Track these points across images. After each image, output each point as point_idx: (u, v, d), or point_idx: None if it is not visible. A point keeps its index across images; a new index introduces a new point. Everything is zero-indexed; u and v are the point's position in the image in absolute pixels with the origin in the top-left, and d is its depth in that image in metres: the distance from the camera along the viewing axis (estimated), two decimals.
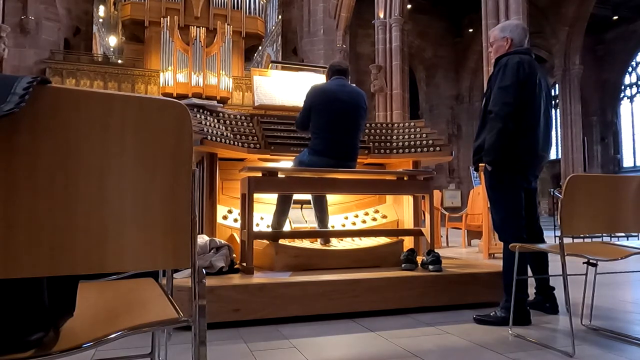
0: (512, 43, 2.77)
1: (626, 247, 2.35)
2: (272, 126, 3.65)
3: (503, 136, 2.56)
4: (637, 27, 19.06)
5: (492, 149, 2.60)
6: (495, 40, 2.85)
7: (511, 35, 2.79)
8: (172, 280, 1.28)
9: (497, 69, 2.68)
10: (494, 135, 2.58)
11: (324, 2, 15.29)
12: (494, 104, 2.60)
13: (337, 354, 2.11)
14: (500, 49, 2.80)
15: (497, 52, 2.83)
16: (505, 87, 2.58)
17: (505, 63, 2.65)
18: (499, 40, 2.82)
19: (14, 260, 0.76)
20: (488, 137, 2.63)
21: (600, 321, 2.56)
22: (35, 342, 0.79)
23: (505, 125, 2.55)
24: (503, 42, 2.79)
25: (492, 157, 2.62)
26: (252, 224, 2.98)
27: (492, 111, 2.61)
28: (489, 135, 2.62)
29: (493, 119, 2.60)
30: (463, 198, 17.72)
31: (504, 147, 2.58)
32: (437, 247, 5.98)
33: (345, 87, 3.34)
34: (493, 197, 2.75)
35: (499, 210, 2.73)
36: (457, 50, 20.41)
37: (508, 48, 2.77)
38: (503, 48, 2.79)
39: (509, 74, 2.59)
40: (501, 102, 2.57)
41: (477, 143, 2.78)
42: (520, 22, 2.89)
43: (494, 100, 2.61)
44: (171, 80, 15.17)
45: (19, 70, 13.10)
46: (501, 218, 2.71)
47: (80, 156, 0.80)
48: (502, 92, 2.59)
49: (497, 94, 2.61)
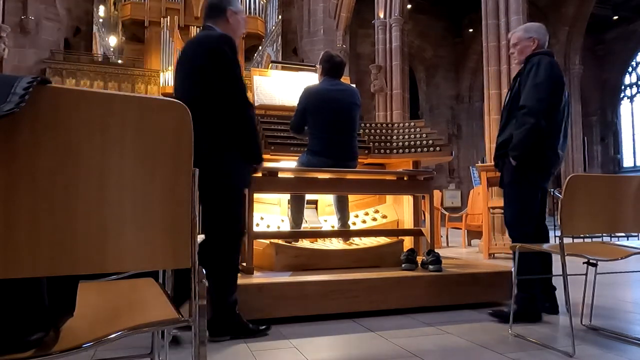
0: (538, 44, 2.81)
1: (626, 247, 2.35)
2: (272, 126, 3.65)
3: (534, 133, 2.57)
4: (637, 27, 19.05)
5: (521, 144, 2.60)
6: (520, 41, 2.87)
7: (537, 35, 2.83)
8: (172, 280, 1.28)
9: (529, 66, 2.69)
10: (525, 131, 2.58)
11: (324, 2, 15.28)
12: (528, 99, 2.61)
13: (337, 354, 2.11)
14: (526, 49, 2.83)
15: (522, 52, 2.86)
16: (540, 84, 2.60)
17: (538, 61, 2.67)
18: (525, 40, 2.84)
19: (14, 260, 0.76)
20: (517, 132, 2.62)
21: (600, 321, 2.56)
22: (35, 342, 0.79)
23: (537, 122, 2.56)
24: (529, 42, 2.82)
25: (520, 153, 2.62)
26: (252, 224, 2.98)
27: (525, 106, 2.61)
28: (519, 131, 2.61)
29: (526, 114, 2.59)
30: (463, 198, 17.71)
31: (533, 143, 2.59)
32: (437, 247, 5.98)
33: (338, 86, 3.33)
34: (511, 192, 2.74)
35: (514, 206, 2.72)
36: (457, 50, 20.39)
37: (535, 48, 2.80)
38: (529, 48, 2.82)
39: (543, 72, 2.62)
40: (536, 98, 2.58)
41: (501, 138, 2.78)
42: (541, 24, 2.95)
43: (528, 97, 2.61)
44: (171, 80, 15.14)
45: (19, 70, 13.09)
46: (515, 215, 2.71)
47: (80, 156, 0.80)
48: (536, 89, 2.60)
49: (531, 90, 2.62)
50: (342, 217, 3.48)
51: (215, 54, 2.20)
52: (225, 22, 2.38)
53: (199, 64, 2.21)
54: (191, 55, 2.27)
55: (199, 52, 2.23)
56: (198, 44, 2.29)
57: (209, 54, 2.21)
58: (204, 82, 2.19)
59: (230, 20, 2.39)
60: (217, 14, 2.38)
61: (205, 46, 2.24)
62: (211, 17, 2.38)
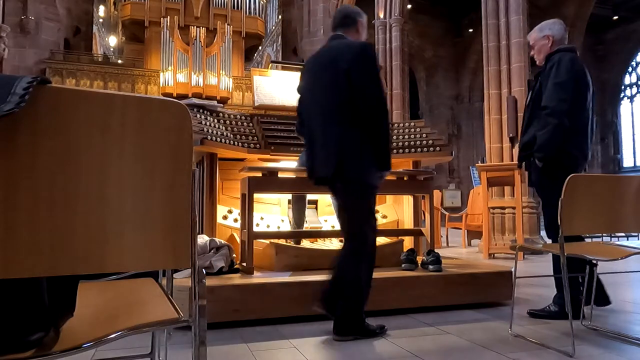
0: (554, 40, 2.80)
1: (626, 247, 2.35)
2: (272, 126, 3.65)
3: (558, 132, 2.56)
4: (637, 27, 19.05)
5: (546, 145, 2.59)
6: (536, 41, 2.87)
7: (551, 32, 2.81)
8: (172, 280, 1.28)
9: (550, 65, 2.68)
10: (549, 131, 2.57)
11: (324, 2, 15.28)
12: (550, 99, 2.60)
13: (337, 354, 2.11)
14: (543, 47, 2.82)
15: (540, 52, 2.85)
16: (561, 83, 2.58)
17: (558, 59, 2.65)
18: (540, 39, 2.84)
19: (14, 260, 0.76)
20: (541, 133, 2.61)
21: (600, 321, 2.56)
22: (35, 342, 0.79)
23: (561, 122, 2.55)
24: (544, 40, 2.81)
25: (546, 154, 2.61)
26: (252, 224, 2.98)
27: (547, 107, 2.60)
28: (543, 132, 2.60)
29: (548, 114, 2.59)
30: (463, 198, 17.71)
31: (558, 143, 2.58)
32: (437, 247, 5.98)
33: None
34: (547, 195, 2.71)
35: (547, 210, 2.69)
36: (457, 50, 20.39)
37: (551, 45, 2.79)
38: (546, 46, 2.81)
39: (564, 70, 2.60)
40: (557, 98, 2.57)
41: (525, 139, 2.77)
42: (556, 19, 2.92)
43: (550, 96, 2.60)
44: (171, 80, 15.16)
45: (19, 70, 13.09)
46: (549, 218, 2.67)
47: (80, 156, 0.80)
48: (558, 88, 2.59)
49: (552, 90, 2.60)
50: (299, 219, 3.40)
51: (365, 59, 2.29)
52: (355, 32, 2.48)
53: (346, 68, 2.26)
54: (337, 61, 2.31)
55: (348, 57, 2.28)
56: (346, 50, 2.33)
57: (358, 59, 2.28)
58: (352, 87, 2.26)
59: (360, 30, 2.50)
60: (349, 23, 2.48)
61: (354, 51, 2.30)
62: (343, 26, 2.47)
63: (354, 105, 2.26)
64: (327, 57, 2.40)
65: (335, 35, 2.48)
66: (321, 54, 2.48)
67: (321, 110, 2.36)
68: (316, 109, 2.39)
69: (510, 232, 6.90)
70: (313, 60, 2.51)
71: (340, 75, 2.27)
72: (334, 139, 2.27)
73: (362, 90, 2.25)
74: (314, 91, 2.43)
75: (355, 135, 2.26)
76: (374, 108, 2.27)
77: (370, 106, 2.26)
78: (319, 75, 2.40)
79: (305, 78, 2.53)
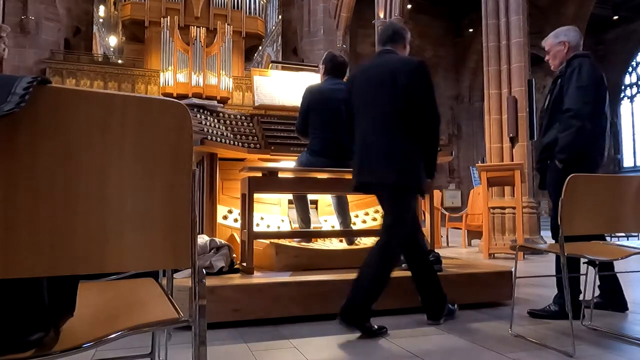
0: (570, 46, 2.83)
1: (626, 247, 2.35)
2: (272, 126, 3.65)
3: (581, 135, 2.59)
4: (637, 27, 19.06)
5: (568, 147, 2.61)
6: (551, 47, 2.90)
7: (566, 38, 2.85)
8: (172, 280, 1.28)
9: (571, 69, 2.71)
10: (572, 133, 2.60)
11: (324, 2, 15.28)
12: (573, 102, 2.62)
13: (337, 354, 2.11)
14: (559, 53, 2.86)
15: (555, 57, 2.89)
16: (584, 86, 2.62)
17: (579, 64, 2.69)
18: (556, 45, 2.87)
19: (14, 260, 0.76)
20: (563, 135, 2.64)
21: (600, 321, 2.56)
22: (35, 342, 0.79)
23: (584, 124, 2.58)
24: (560, 46, 2.85)
25: (567, 156, 2.63)
26: (252, 224, 2.98)
27: (570, 109, 2.62)
28: (565, 134, 2.63)
29: (572, 117, 2.61)
30: (463, 198, 17.72)
31: (580, 145, 2.60)
32: (437, 247, 5.98)
33: (339, 86, 3.33)
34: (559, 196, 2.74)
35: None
36: (457, 50, 20.40)
37: (567, 51, 2.83)
38: (562, 52, 2.84)
39: (586, 75, 2.64)
40: (581, 101, 2.61)
41: (546, 140, 2.80)
42: (572, 26, 2.97)
43: (573, 99, 2.63)
44: (171, 80, 15.16)
45: (19, 70, 13.09)
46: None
47: (80, 156, 0.80)
48: (581, 92, 2.62)
49: (575, 93, 2.63)
50: (344, 221, 3.46)
51: (424, 77, 2.48)
52: (402, 48, 2.69)
53: (405, 85, 2.43)
54: (395, 77, 2.47)
55: (407, 74, 2.45)
56: (403, 66, 2.50)
57: (417, 76, 2.46)
58: (410, 101, 2.43)
59: (406, 46, 2.73)
60: (398, 39, 2.68)
61: (412, 69, 2.48)
62: (393, 42, 2.66)
63: (410, 117, 2.44)
64: (384, 71, 2.52)
65: (385, 49, 2.63)
66: (375, 67, 2.60)
67: (381, 121, 2.49)
68: (373, 119, 2.52)
69: (510, 232, 6.90)
70: (367, 72, 2.63)
71: (399, 90, 2.42)
72: (396, 149, 2.44)
73: (420, 106, 2.44)
74: (371, 102, 2.55)
75: (412, 146, 2.46)
76: (431, 122, 2.47)
77: (427, 120, 2.46)
78: (378, 88, 2.52)
79: (359, 88, 2.62)
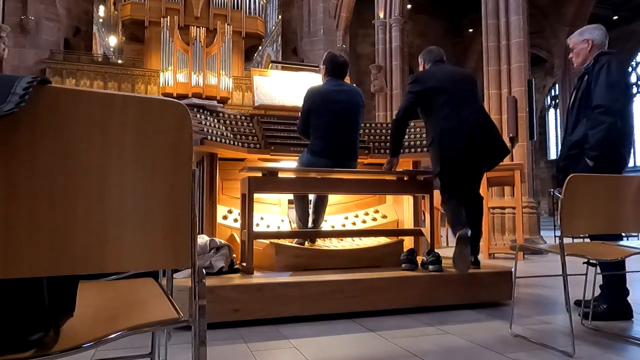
0: (594, 44, 2.83)
1: (626, 247, 2.35)
2: (272, 126, 3.65)
3: (612, 132, 2.57)
4: (637, 27, 19.05)
5: (600, 144, 2.59)
6: (575, 45, 2.91)
7: (590, 36, 2.85)
8: (172, 280, 1.28)
9: (599, 66, 2.70)
10: (603, 130, 2.57)
11: (324, 2, 15.28)
12: (603, 99, 2.60)
13: (337, 354, 2.11)
14: (582, 51, 2.86)
15: (579, 55, 2.89)
16: (614, 83, 2.61)
17: (608, 61, 2.68)
18: (580, 43, 2.87)
19: (14, 260, 0.76)
20: (594, 132, 2.61)
21: (600, 321, 2.56)
22: (35, 342, 0.79)
23: (615, 120, 2.57)
24: (584, 44, 2.85)
25: (599, 152, 2.60)
26: (252, 224, 2.98)
27: (601, 105, 2.60)
28: (596, 131, 2.60)
29: (603, 112, 2.59)
30: None
31: (612, 142, 2.59)
32: (437, 247, 5.98)
33: (341, 87, 3.34)
34: None
35: None
36: (457, 50, 20.38)
37: (590, 49, 2.82)
38: (585, 50, 2.84)
39: (615, 72, 2.63)
40: (611, 97, 2.59)
41: (574, 137, 2.76)
42: (598, 24, 2.98)
43: (603, 96, 2.61)
44: (171, 80, 15.16)
45: (19, 70, 13.09)
46: None
47: (80, 156, 0.80)
48: (611, 88, 2.60)
49: (605, 89, 2.61)
50: (317, 220, 3.40)
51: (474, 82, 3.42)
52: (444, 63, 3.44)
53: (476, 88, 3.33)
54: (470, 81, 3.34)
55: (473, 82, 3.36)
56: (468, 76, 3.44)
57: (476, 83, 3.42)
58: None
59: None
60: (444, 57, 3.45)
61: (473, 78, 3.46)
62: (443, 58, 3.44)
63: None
64: (459, 76, 3.29)
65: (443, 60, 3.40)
66: (450, 72, 3.30)
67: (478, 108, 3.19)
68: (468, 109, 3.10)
69: (510, 232, 6.91)
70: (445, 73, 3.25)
71: (476, 89, 3.31)
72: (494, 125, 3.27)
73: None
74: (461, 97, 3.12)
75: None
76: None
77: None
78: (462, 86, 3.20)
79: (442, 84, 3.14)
